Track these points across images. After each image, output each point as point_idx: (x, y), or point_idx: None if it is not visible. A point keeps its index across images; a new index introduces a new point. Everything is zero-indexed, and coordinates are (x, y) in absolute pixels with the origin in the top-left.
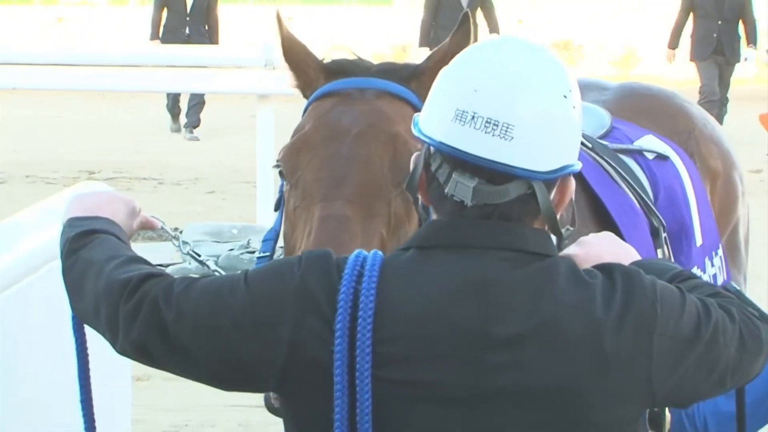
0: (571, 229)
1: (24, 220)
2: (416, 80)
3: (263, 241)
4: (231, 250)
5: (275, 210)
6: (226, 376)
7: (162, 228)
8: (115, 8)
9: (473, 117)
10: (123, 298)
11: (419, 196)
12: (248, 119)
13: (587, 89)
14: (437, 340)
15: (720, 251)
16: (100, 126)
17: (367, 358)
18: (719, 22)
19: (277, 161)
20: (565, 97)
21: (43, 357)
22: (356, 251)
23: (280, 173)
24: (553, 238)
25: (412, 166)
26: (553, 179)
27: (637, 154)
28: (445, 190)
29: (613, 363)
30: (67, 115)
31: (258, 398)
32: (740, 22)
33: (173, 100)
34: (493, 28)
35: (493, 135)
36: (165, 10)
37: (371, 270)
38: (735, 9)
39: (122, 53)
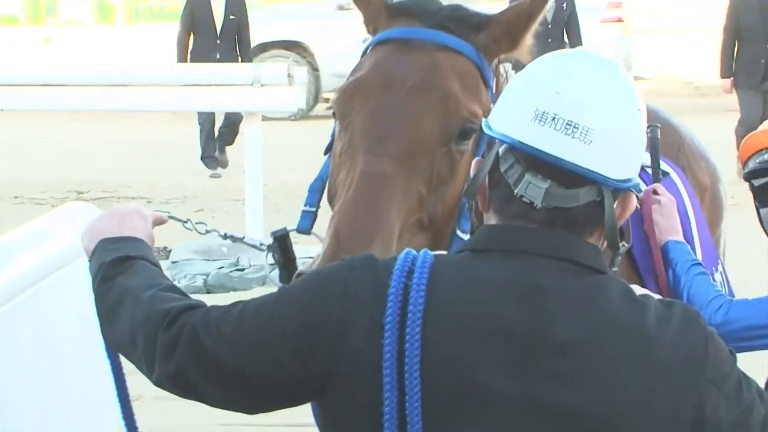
0: (627, 245)
1: (12, 241)
2: (486, 31)
3: (309, 191)
4: (220, 268)
5: (325, 154)
6: (268, 392)
7: (169, 216)
8: (103, 27)
9: (554, 118)
10: (162, 328)
11: (477, 202)
12: (236, 137)
13: None
14: (487, 342)
15: (720, 267)
16: (87, 146)
17: (416, 352)
18: None
19: (332, 103)
20: (639, 110)
21: (29, 378)
22: (406, 250)
23: (333, 114)
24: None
25: (473, 171)
26: (621, 189)
27: (641, 171)
28: (515, 191)
29: (661, 384)
30: (54, 136)
31: (247, 418)
32: None
33: (205, 143)
34: (575, 45)
35: (572, 137)
36: (192, 34)
37: (422, 267)
38: None
39: (108, 72)
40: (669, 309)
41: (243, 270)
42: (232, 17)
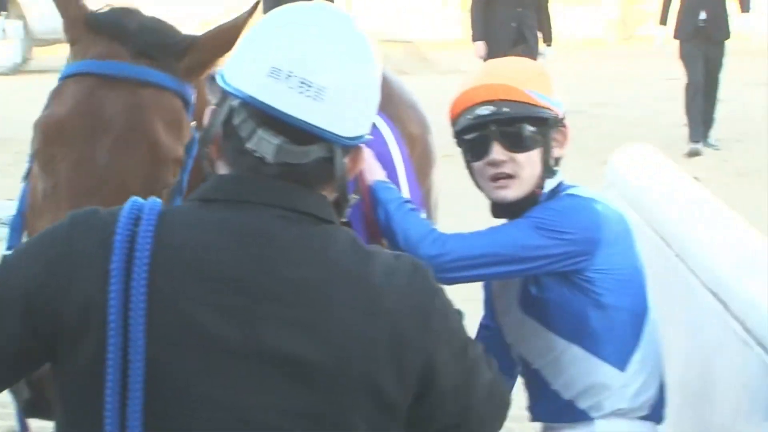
0: (357, 197)
1: None
2: (190, 55)
3: (10, 229)
4: None
5: (22, 181)
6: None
7: None
8: None
9: (288, 76)
10: None
11: (210, 150)
12: None
13: None
14: (212, 289)
15: (423, 215)
16: None
17: (142, 298)
18: None
19: (34, 138)
20: (374, 67)
21: None
22: (132, 198)
23: (33, 145)
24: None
25: (208, 120)
26: (351, 145)
27: None
28: (247, 145)
29: (386, 334)
30: None
31: None
32: None
33: None
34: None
35: (306, 95)
36: None
37: (150, 214)
38: None
39: None
40: (397, 260)
41: None
42: None
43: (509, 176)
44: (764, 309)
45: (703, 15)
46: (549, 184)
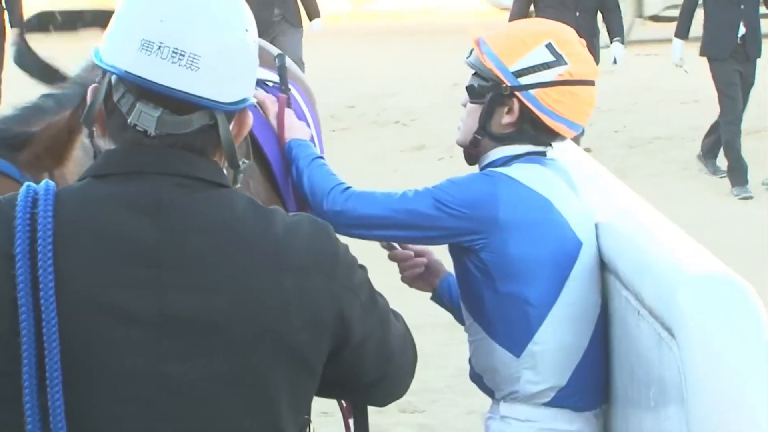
0: (247, 162)
1: None
2: (28, 149)
3: None
4: None
5: None
6: None
7: None
8: None
9: (160, 47)
10: None
11: (95, 129)
12: None
13: None
14: (115, 261)
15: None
16: None
17: (50, 277)
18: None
19: None
20: (246, 30)
21: None
22: (26, 183)
23: None
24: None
25: (90, 98)
26: (234, 111)
27: (262, 85)
28: (128, 120)
29: (295, 289)
30: None
31: None
32: None
33: None
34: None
35: (179, 65)
36: None
37: (46, 194)
38: None
39: None
40: (296, 217)
41: None
42: None
43: (462, 121)
44: (656, 278)
45: (742, 30)
46: (499, 151)
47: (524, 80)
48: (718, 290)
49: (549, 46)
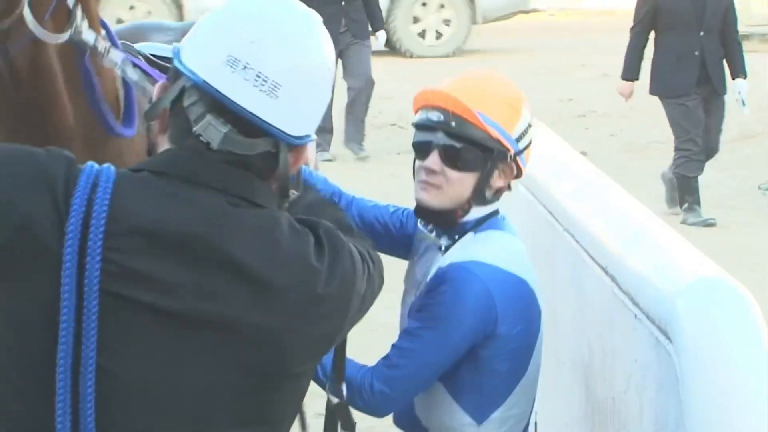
0: (296, 193)
1: None
2: None
3: None
4: None
5: None
6: None
7: None
8: None
9: (245, 67)
10: None
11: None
12: None
13: (151, 31)
14: (166, 259)
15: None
16: None
17: (98, 266)
18: (701, 34)
19: None
20: (329, 69)
21: None
22: (89, 163)
23: None
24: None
25: (157, 94)
26: (297, 144)
27: None
28: (193, 128)
29: (322, 309)
30: None
31: None
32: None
33: None
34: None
35: (260, 90)
36: None
37: (106, 182)
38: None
39: None
40: (317, 235)
41: None
42: None
43: (436, 186)
44: (653, 283)
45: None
46: (477, 212)
47: (521, 144)
48: (715, 294)
49: (527, 105)
